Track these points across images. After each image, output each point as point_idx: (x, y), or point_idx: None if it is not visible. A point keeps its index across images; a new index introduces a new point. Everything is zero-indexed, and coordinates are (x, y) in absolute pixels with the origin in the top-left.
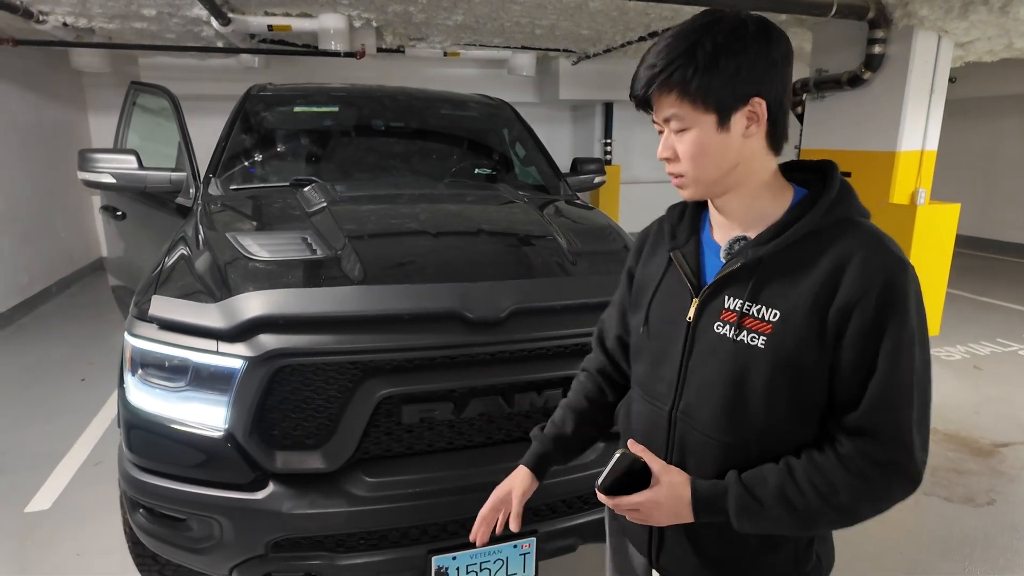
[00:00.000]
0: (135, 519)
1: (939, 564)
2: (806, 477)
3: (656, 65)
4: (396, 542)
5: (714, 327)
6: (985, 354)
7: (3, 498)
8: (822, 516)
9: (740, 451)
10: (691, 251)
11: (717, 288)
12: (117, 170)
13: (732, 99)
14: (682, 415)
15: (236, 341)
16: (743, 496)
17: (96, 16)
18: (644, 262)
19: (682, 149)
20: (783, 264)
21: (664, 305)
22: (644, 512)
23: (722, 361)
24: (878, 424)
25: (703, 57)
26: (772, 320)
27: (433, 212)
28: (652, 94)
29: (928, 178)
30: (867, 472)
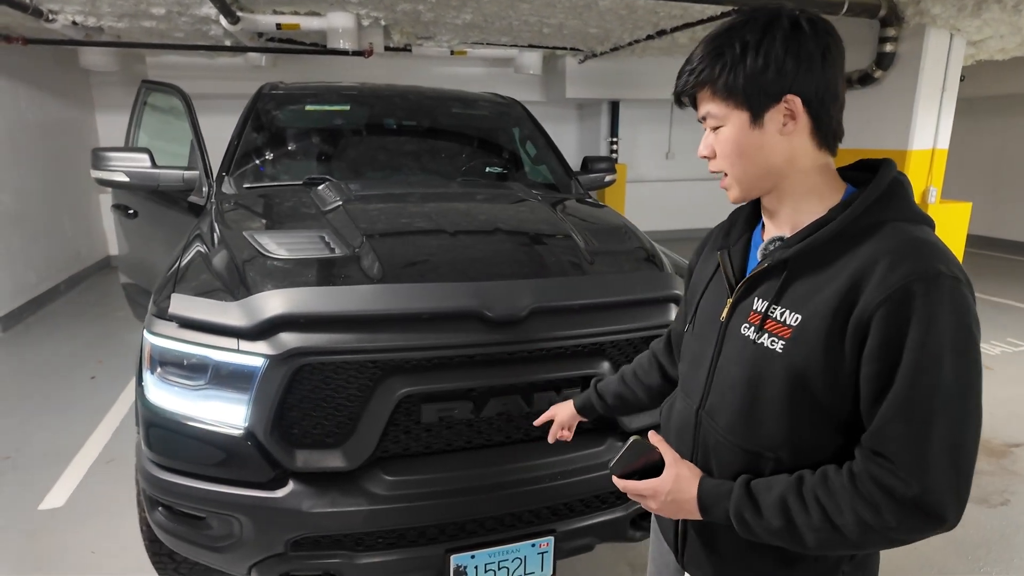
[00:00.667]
0: (154, 517)
1: (954, 563)
2: (813, 493)
3: (691, 63)
4: (415, 541)
5: (741, 328)
6: (996, 354)
7: (17, 495)
8: (822, 536)
9: (757, 457)
10: (738, 251)
11: (748, 289)
12: (130, 168)
13: (762, 96)
14: (706, 415)
15: (257, 339)
16: (742, 499)
17: (105, 15)
18: (702, 262)
19: (719, 147)
20: (810, 267)
21: (709, 305)
22: (649, 500)
23: (743, 363)
24: (891, 447)
25: (731, 55)
26: (792, 324)
27: (448, 210)
28: (690, 93)
29: (939, 177)
30: (876, 499)
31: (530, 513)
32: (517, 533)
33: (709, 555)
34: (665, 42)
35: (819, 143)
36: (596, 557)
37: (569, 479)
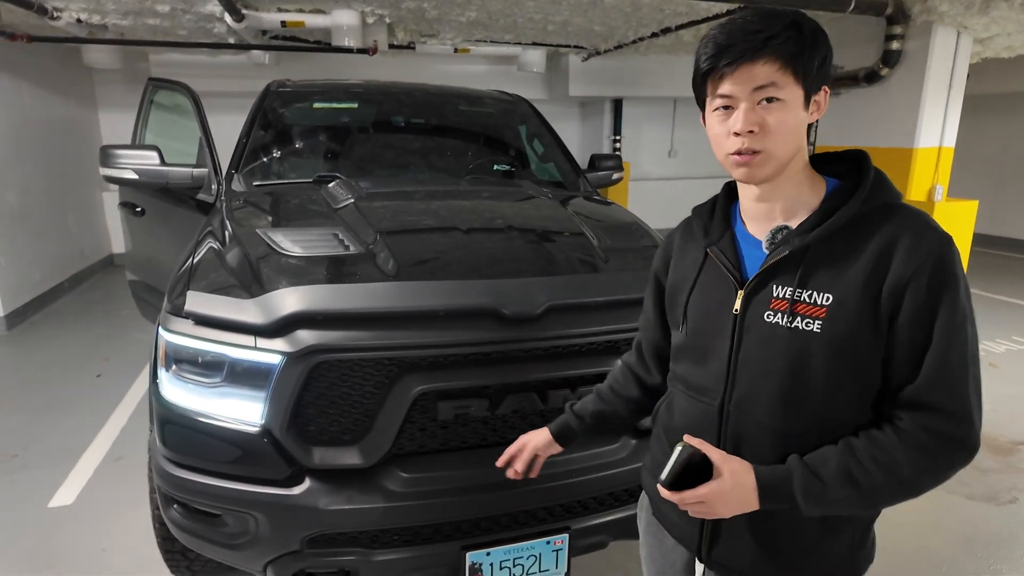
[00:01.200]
0: (169, 514)
1: (964, 561)
2: (868, 454)
3: (763, 31)
4: (430, 538)
5: (764, 316)
6: (1001, 352)
7: (26, 493)
8: (886, 492)
9: (798, 439)
10: (727, 245)
11: (764, 278)
12: (139, 166)
13: (819, 81)
14: (736, 408)
15: (274, 337)
16: (808, 478)
17: (110, 12)
18: (675, 264)
19: (772, 121)
20: (830, 250)
21: (703, 301)
22: (710, 504)
23: (778, 349)
24: (938, 398)
25: (808, 34)
26: (826, 304)
27: (460, 208)
28: (747, 61)
29: (945, 175)
30: (928, 445)
31: (545, 511)
32: (532, 531)
33: (751, 543)
34: (669, 40)
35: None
36: (609, 555)
37: (583, 477)
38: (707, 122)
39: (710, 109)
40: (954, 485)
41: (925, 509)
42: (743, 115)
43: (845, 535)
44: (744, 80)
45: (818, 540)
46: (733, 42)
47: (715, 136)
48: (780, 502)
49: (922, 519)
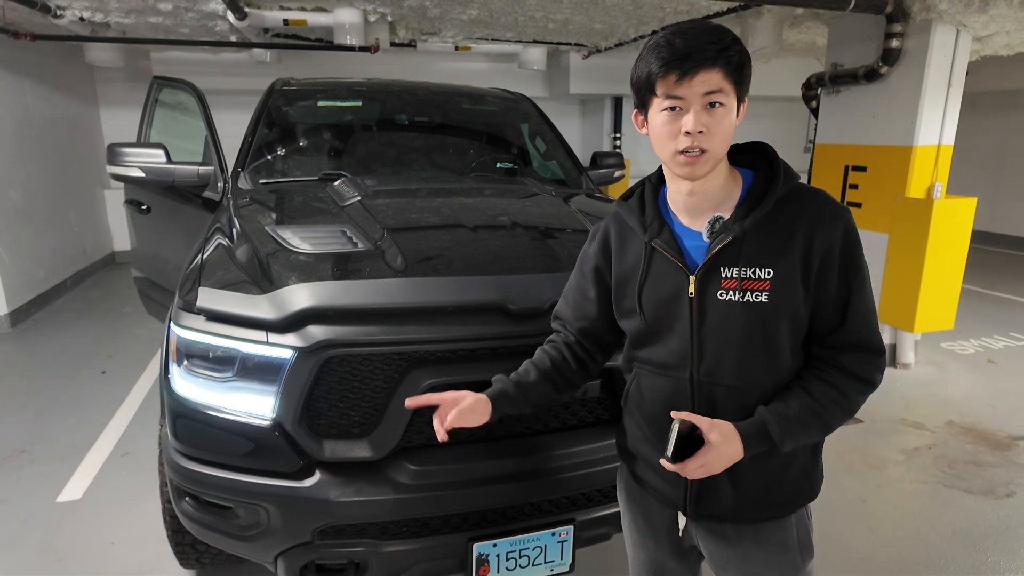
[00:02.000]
0: (181, 507)
1: (961, 554)
2: (821, 392)
3: (718, 43)
4: (438, 529)
5: (717, 295)
6: (999, 348)
7: (35, 488)
8: (838, 419)
9: (756, 391)
10: (669, 238)
11: (712, 263)
12: (146, 164)
13: (745, 90)
14: (705, 376)
15: (286, 332)
16: (780, 422)
17: (113, 11)
18: (618, 257)
19: (716, 125)
20: (763, 231)
21: (656, 289)
22: (708, 465)
23: (734, 321)
24: (864, 336)
25: (745, 51)
26: (768, 277)
27: (465, 205)
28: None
29: (944, 172)
30: (864, 375)
31: (550, 503)
32: (537, 522)
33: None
34: None
35: None
36: (612, 547)
37: (588, 470)
38: (650, 121)
39: (656, 109)
40: (953, 480)
41: (923, 503)
42: (694, 116)
43: (798, 463)
44: (699, 85)
45: (779, 471)
46: (693, 50)
47: (661, 134)
48: (759, 447)
49: (920, 513)
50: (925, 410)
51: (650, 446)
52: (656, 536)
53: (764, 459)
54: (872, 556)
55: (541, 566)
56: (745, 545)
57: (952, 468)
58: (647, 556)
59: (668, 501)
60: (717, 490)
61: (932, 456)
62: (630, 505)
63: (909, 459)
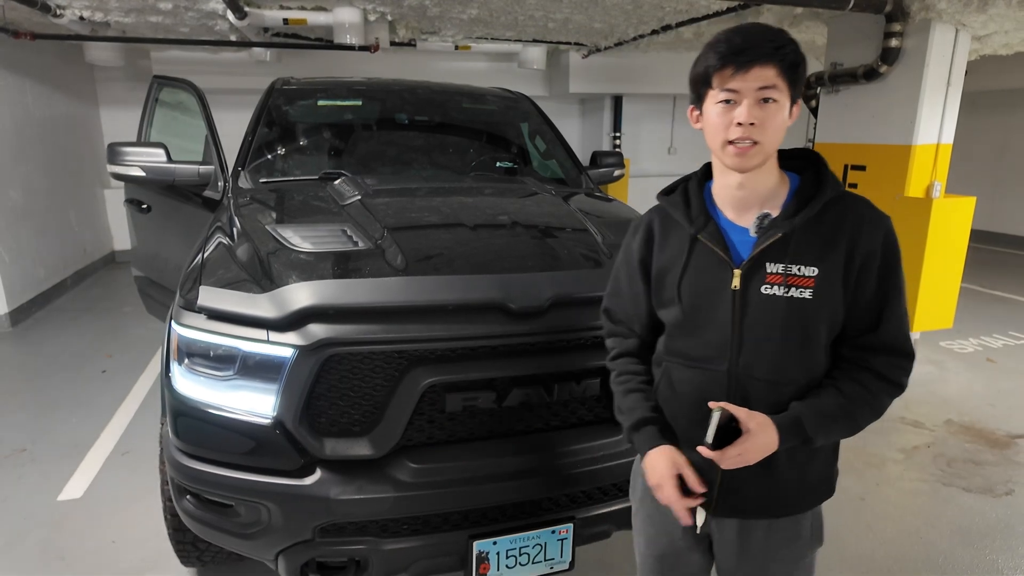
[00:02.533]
0: (182, 505)
1: (960, 553)
2: (854, 392)
3: (774, 41)
4: (438, 527)
5: (761, 290)
6: (998, 347)
7: (36, 487)
8: (866, 417)
9: (791, 386)
10: (714, 232)
11: (759, 258)
12: (146, 163)
13: (799, 93)
14: (743, 369)
15: (287, 330)
16: (815, 417)
17: (112, 10)
18: (659, 250)
19: (768, 119)
20: (810, 231)
21: (697, 282)
22: (745, 454)
23: (776, 315)
24: (896, 339)
25: (800, 53)
26: (812, 275)
27: (465, 204)
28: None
29: (943, 171)
30: (893, 377)
31: (550, 501)
32: (538, 520)
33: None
34: (669, 37)
35: None
36: (611, 544)
37: (588, 468)
38: (705, 113)
39: (712, 102)
40: (951, 478)
41: (922, 502)
42: (747, 109)
43: (820, 458)
44: (753, 79)
45: (805, 465)
46: (749, 46)
47: (714, 125)
48: (793, 439)
49: (919, 511)
50: (924, 409)
51: (679, 439)
52: (673, 530)
53: (791, 456)
54: (871, 554)
55: (541, 563)
56: (757, 535)
57: (951, 467)
58: (661, 550)
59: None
60: (746, 484)
61: (931, 455)
62: (647, 500)
63: (908, 458)
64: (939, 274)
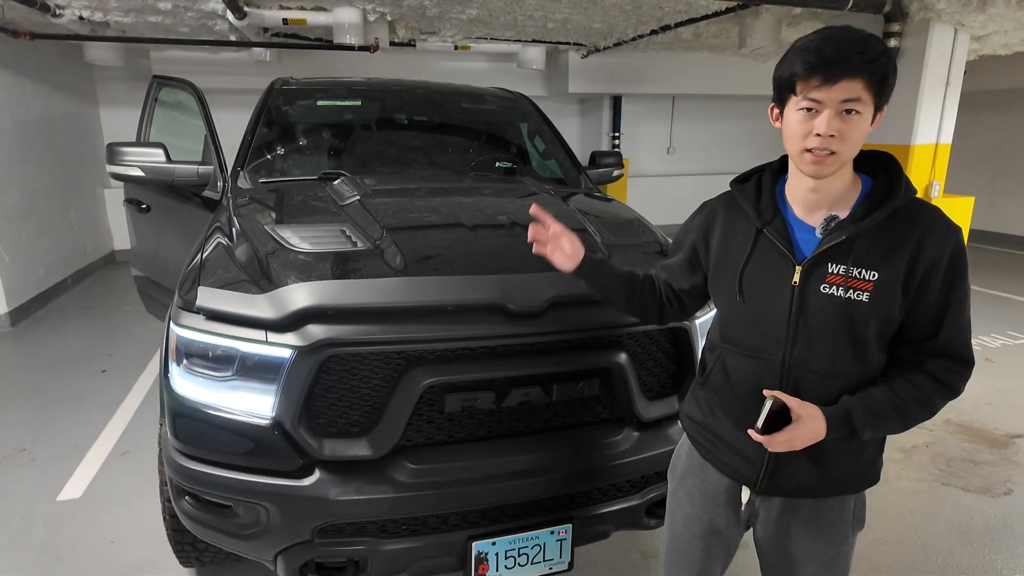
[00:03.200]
0: (180, 505)
1: (959, 552)
2: (906, 392)
3: (865, 54)
4: (437, 528)
5: (821, 288)
6: (996, 347)
7: (35, 487)
8: (915, 416)
9: (841, 380)
10: (781, 227)
11: (821, 257)
12: (145, 163)
13: (884, 102)
14: (797, 361)
15: (285, 331)
16: (865, 412)
17: (112, 10)
18: (721, 238)
19: (850, 131)
20: (875, 236)
21: (758, 274)
22: (792, 441)
23: (832, 314)
24: (956, 347)
25: (892, 62)
26: (872, 280)
27: (464, 205)
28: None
29: (942, 171)
30: (948, 381)
31: (549, 501)
32: (537, 520)
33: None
34: (668, 37)
35: None
36: (611, 545)
37: (587, 468)
38: (785, 117)
39: (793, 108)
40: (950, 478)
41: (920, 501)
42: (827, 121)
43: (870, 449)
44: (838, 91)
45: (854, 455)
46: (839, 58)
47: (793, 132)
48: (841, 431)
49: (917, 511)
50: None
51: (731, 422)
52: (714, 508)
53: (842, 444)
54: (869, 554)
55: (540, 564)
56: (804, 512)
57: (950, 466)
58: (702, 528)
59: (737, 475)
60: (793, 468)
61: (930, 454)
62: (688, 479)
63: (907, 457)
64: None
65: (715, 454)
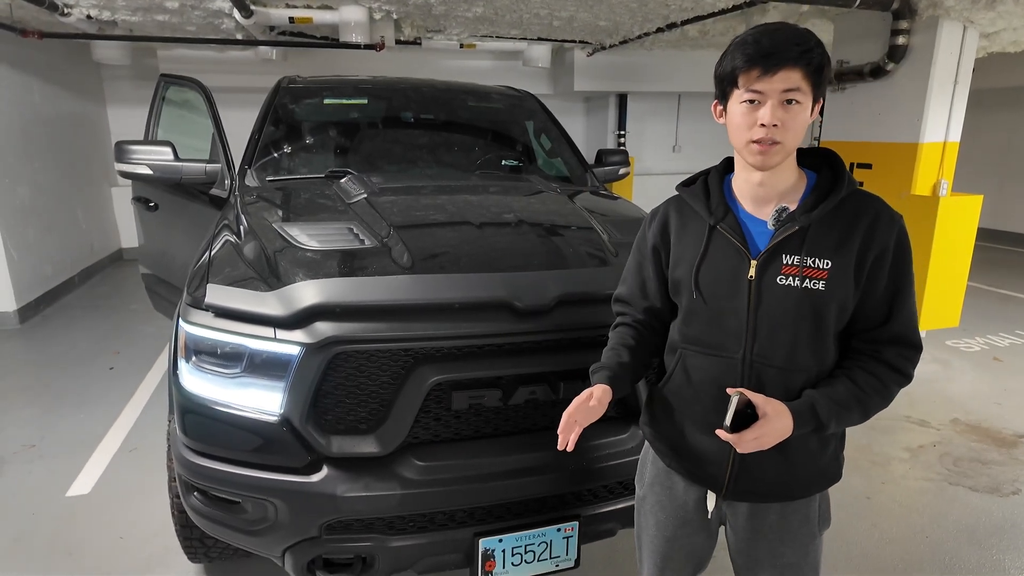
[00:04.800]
0: (189, 502)
1: (967, 552)
2: (864, 380)
3: (801, 45)
4: (444, 524)
5: (777, 280)
6: (1004, 346)
7: (44, 483)
8: (876, 405)
9: (802, 374)
10: (733, 223)
11: (775, 249)
12: (153, 161)
13: (822, 91)
14: (758, 357)
15: (294, 328)
16: (829, 405)
17: (119, 9)
18: (677, 238)
19: (790, 120)
20: (826, 226)
21: (713, 271)
22: (761, 439)
23: (790, 305)
24: (907, 331)
25: (826, 54)
26: (826, 268)
27: (471, 203)
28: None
29: (950, 170)
30: (902, 367)
31: (556, 499)
32: (543, 518)
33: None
34: (675, 35)
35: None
36: (617, 543)
37: (594, 466)
38: (730, 111)
39: (736, 101)
40: (958, 477)
41: (928, 501)
42: (771, 110)
43: (830, 446)
44: (778, 82)
45: (816, 453)
46: (777, 49)
47: (738, 124)
48: (807, 426)
49: (925, 510)
50: (930, 408)
51: (694, 426)
52: (683, 514)
53: (805, 442)
54: (876, 553)
55: (546, 561)
56: (771, 518)
57: (957, 466)
58: (672, 532)
59: (702, 480)
60: (758, 469)
61: (937, 454)
62: (655, 487)
63: (914, 456)
64: (945, 272)
65: (678, 461)
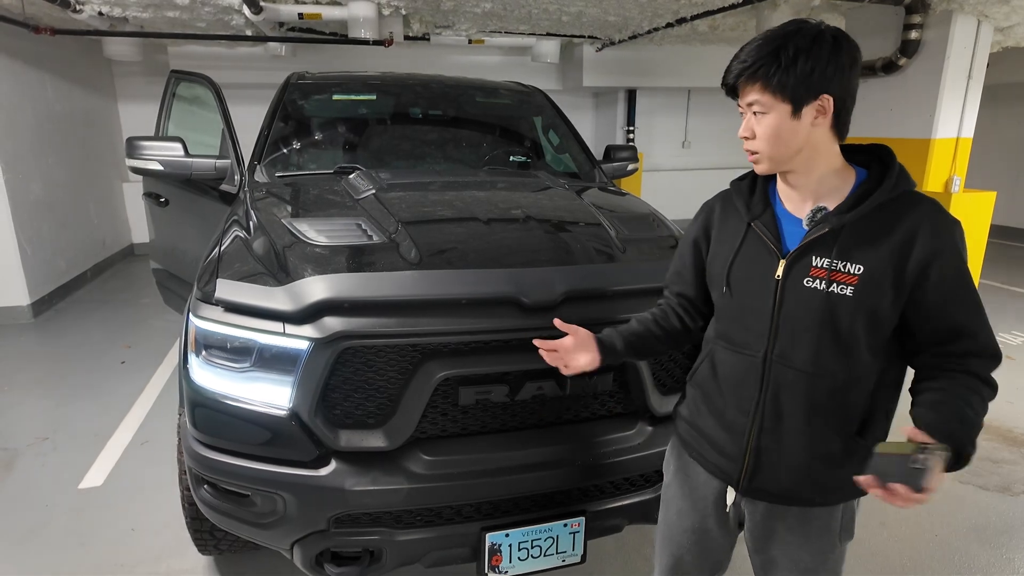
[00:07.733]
0: (199, 494)
1: (977, 551)
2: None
3: (746, 60)
4: (451, 519)
5: (803, 282)
6: (1017, 344)
7: (57, 475)
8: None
9: (828, 379)
10: (769, 221)
11: (805, 250)
12: (164, 157)
13: (805, 94)
14: (778, 357)
15: (302, 323)
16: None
17: (130, 5)
18: (716, 233)
19: (759, 130)
20: (862, 228)
21: (745, 268)
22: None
23: (815, 309)
24: (987, 344)
25: (785, 59)
26: (857, 273)
27: (479, 198)
28: (740, 83)
29: (963, 166)
30: (990, 380)
31: (562, 494)
32: (550, 513)
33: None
34: (684, 30)
35: (835, 133)
36: (623, 538)
37: (600, 461)
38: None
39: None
40: (967, 476)
41: (938, 500)
42: (744, 124)
43: (858, 454)
44: (744, 98)
45: (838, 460)
46: (734, 71)
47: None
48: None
49: (935, 510)
50: None
51: (713, 418)
52: (703, 506)
53: (826, 447)
54: (885, 552)
55: (553, 556)
56: (789, 521)
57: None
58: (692, 524)
59: (720, 474)
60: (771, 470)
61: None
62: (678, 476)
63: None
64: None
65: (700, 452)
